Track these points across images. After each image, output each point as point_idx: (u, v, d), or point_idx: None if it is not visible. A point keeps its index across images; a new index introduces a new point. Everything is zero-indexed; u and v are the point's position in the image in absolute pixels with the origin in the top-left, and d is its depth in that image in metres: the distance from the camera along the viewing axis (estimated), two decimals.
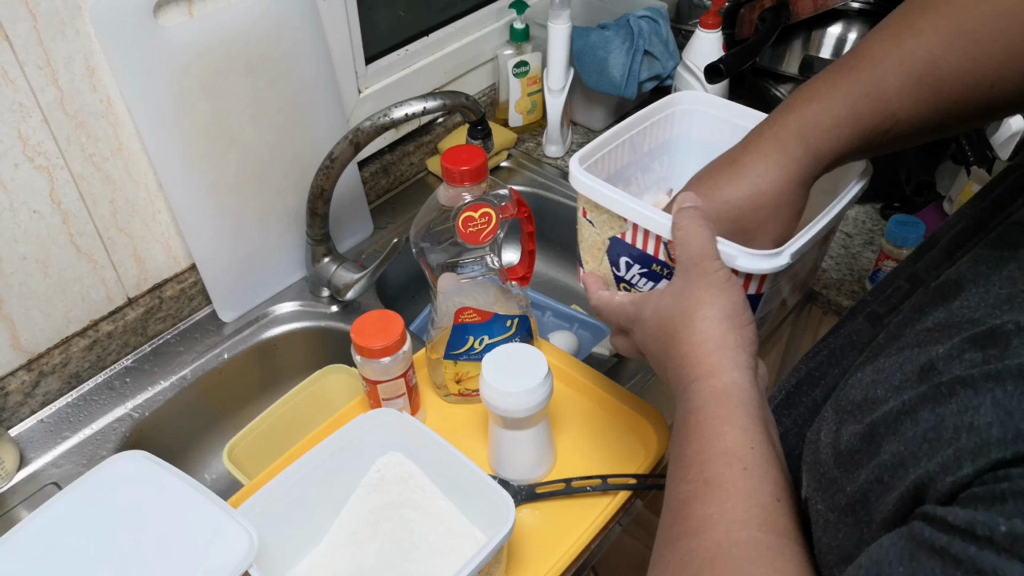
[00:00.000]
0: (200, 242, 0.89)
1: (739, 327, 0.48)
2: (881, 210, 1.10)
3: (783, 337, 1.09)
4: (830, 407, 0.42)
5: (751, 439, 0.44)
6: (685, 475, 0.44)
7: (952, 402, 0.32)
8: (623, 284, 0.62)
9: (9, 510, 0.77)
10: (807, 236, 0.54)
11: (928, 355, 0.35)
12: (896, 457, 0.33)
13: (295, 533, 0.66)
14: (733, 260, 0.52)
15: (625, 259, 0.61)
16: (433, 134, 1.18)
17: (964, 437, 0.30)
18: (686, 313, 0.49)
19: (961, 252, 0.49)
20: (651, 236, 0.57)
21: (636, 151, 0.69)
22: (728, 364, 0.47)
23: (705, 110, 0.69)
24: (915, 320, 0.41)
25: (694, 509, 0.42)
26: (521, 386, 0.66)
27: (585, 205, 0.62)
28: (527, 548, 0.69)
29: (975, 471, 0.29)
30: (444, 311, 0.75)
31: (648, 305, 0.53)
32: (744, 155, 0.54)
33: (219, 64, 0.82)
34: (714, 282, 0.49)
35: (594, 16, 1.21)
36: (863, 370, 0.40)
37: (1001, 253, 0.40)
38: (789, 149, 0.52)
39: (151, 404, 0.87)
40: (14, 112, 0.72)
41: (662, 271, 0.59)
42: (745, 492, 0.42)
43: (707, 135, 0.69)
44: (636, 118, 0.67)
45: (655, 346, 0.52)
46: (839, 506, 0.37)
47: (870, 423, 0.36)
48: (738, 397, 0.46)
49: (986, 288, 0.38)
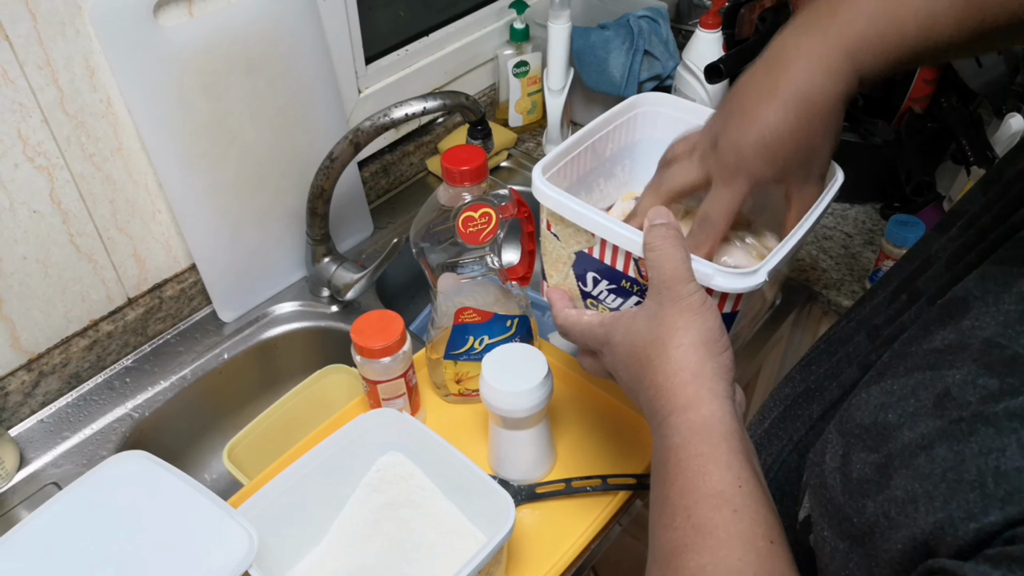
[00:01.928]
0: (200, 242, 0.89)
1: (716, 354, 0.46)
2: (881, 210, 1.10)
3: (783, 337, 1.09)
4: (835, 429, 0.40)
5: (737, 477, 0.41)
6: (671, 521, 0.42)
7: (972, 441, 0.30)
8: (590, 299, 0.60)
9: (9, 510, 0.77)
10: (783, 252, 0.52)
11: (943, 381, 0.34)
12: (908, 494, 0.32)
13: (295, 533, 0.66)
14: (709, 280, 0.49)
15: (592, 274, 0.58)
16: (433, 134, 1.18)
17: (991, 482, 0.29)
18: (660, 340, 0.47)
19: (963, 266, 0.48)
20: (620, 252, 0.54)
21: (598, 157, 0.66)
22: (706, 395, 0.44)
23: (668, 111, 0.67)
24: (921, 339, 0.40)
25: (686, 560, 0.40)
26: (521, 386, 0.66)
27: (549, 218, 0.59)
28: (527, 548, 0.69)
29: (1005, 519, 0.28)
30: (444, 311, 0.75)
31: (618, 329, 0.50)
32: (783, 79, 0.49)
33: (219, 64, 0.82)
34: (689, 306, 0.47)
35: (594, 16, 1.21)
36: (869, 391, 0.39)
37: (1009, 269, 0.39)
38: (834, 65, 0.48)
39: (151, 404, 0.87)
40: (14, 112, 0.72)
41: (632, 288, 0.56)
42: (737, 536, 0.39)
43: (670, 137, 0.64)
44: (598, 123, 0.64)
45: (626, 373, 0.49)
46: (850, 535, 0.35)
47: (886, 453, 0.34)
48: (719, 431, 0.43)
49: (996, 306, 0.37)
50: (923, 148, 1.05)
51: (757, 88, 0.51)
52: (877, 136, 1.03)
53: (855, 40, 0.48)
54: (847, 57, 0.48)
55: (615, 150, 0.68)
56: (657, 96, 0.68)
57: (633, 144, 0.69)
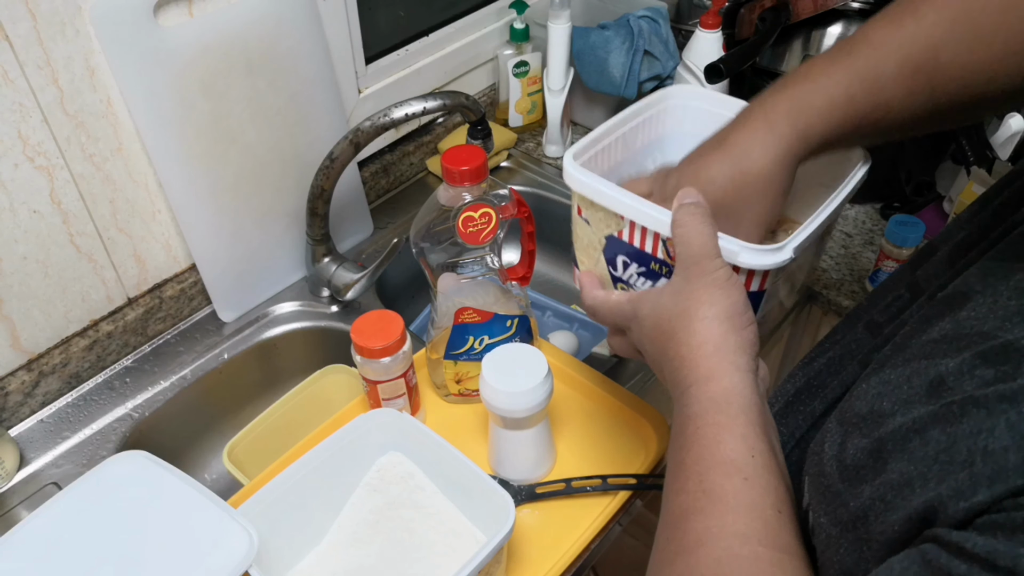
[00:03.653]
0: (200, 242, 0.89)
1: (739, 328, 0.47)
2: (881, 210, 1.10)
3: (783, 337, 1.09)
4: (834, 419, 0.41)
5: (751, 447, 0.42)
6: (683, 486, 0.43)
7: (964, 423, 0.31)
8: (620, 284, 0.61)
9: (9, 510, 0.77)
10: (809, 229, 0.53)
11: (937, 369, 0.35)
12: (903, 476, 0.32)
13: (295, 533, 0.66)
14: (735, 256, 0.50)
15: (622, 258, 0.59)
16: (433, 134, 1.19)
17: (979, 461, 0.29)
18: (685, 313, 0.48)
19: (963, 261, 0.48)
20: (649, 234, 0.55)
21: (629, 148, 0.67)
22: (727, 367, 0.45)
23: (698, 104, 0.67)
24: (921, 331, 0.40)
25: (693, 523, 0.41)
26: (521, 386, 0.66)
27: (580, 203, 0.60)
28: (527, 548, 0.69)
29: (992, 497, 0.28)
30: (444, 311, 0.75)
31: (646, 304, 0.51)
32: (732, 135, 0.52)
33: (219, 64, 0.82)
34: (714, 281, 0.48)
35: (594, 16, 1.21)
36: (868, 382, 0.39)
37: (1009, 264, 0.39)
38: (777, 128, 0.50)
39: (151, 404, 0.87)
40: (14, 112, 0.72)
41: (661, 270, 0.57)
42: (746, 504, 0.40)
43: (700, 130, 0.65)
44: (628, 114, 0.65)
45: (652, 347, 0.50)
46: (841, 520, 0.36)
47: (877, 438, 0.35)
48: (738, 403, 0.44)
49: (994, 299, 0.37)
50: (923, 148, 1.05)
51: (713, 140, 0.54)
52: None
53: (799, 102, 0.50)
54: (790, 120, 0.50)
55: (645, 143, 0.68)
56: (688, 89, 0.68)
57: (663, 137, 0.69)
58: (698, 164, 0.54)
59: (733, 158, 0.52)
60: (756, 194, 0.52)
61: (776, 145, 0.50)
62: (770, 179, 0.51)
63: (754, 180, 0.51)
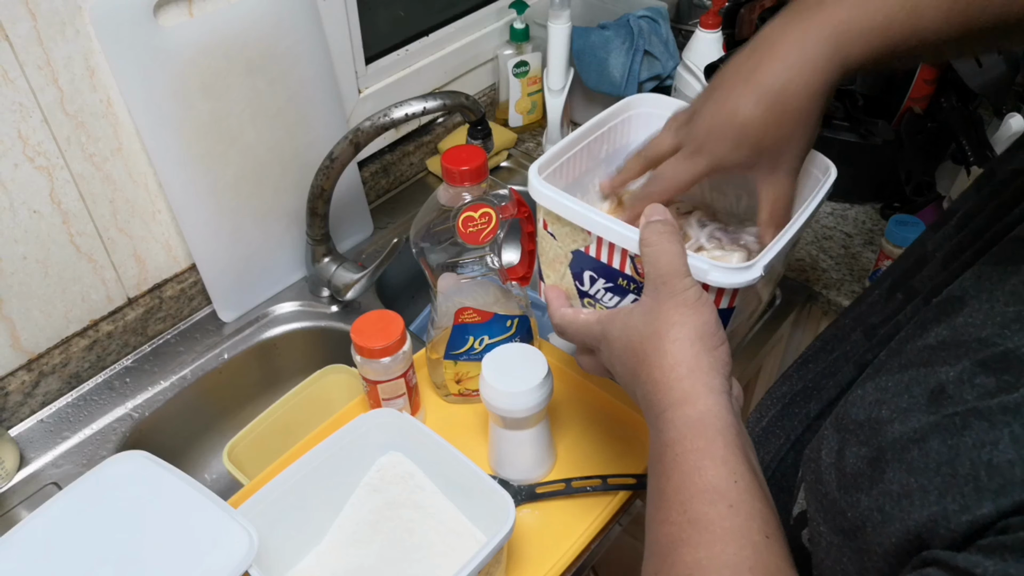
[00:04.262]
0: (200, 242, 0.89)
1: (712, 348, 0.46)
2: (881, 210, 1.10)
3: (783, 337, 1.09)
4: (830, 425, 0.40)
5: (733, 471, 0.41)
6: (667, 516, 0.42)
7: (966, 435, 0.31)
8: (587, 299, 0.60)
9: (9, 510, 0.77)
10: (778, 246, 0.52)
11: (937, 377, 0.34)
12: (903, 487, 0.32)
13: (295, 533, 0.66)
14: (705, 275, 0.50)
15: (589, 273, 0.58)
16: (433, 134, 1.19)
17: (984, 475, 0.29)
18: (656, 334, 0.46)
19: (958, 265, 0.48)
20: (616, 249, 0.55)
21: (594, 157, 0.66)
22: (702, 389, 0.44)
23: (662, 113, 0.66)
24: (917, 336, 0.40)
25: (682, 554, 0.40)
26: (521, 386, 0.66)
27: (546, 217, 0.59)
28: (527, 548, 0.69)
29: (997, 511, 0.28)
30: (444, 311, 0.75)
31: (615, 324, 0.50)
32: (762, 66, 0.49)
33: (219, 64, 0.82)
34: (685, 301, 0.47)
35: (594, 16, 1.21)
36: (864, 387, 0.39)
37: (1004, 268, 0.39)
38: (814, 58, 0.47)
39: (151, 404, 0.87)
40: (14, 112, 0.72)
41: (628, 286, 0.56)
42: (733, 532, 0.39)
43: None
44: (593, 123, 0.64)
45: (623, 368, 0.49)
46: (842, 529, 0.35)
47: (876, 446, 0.34)
48: (715, 426, 0.43)
49: (990, 304, 0.37)
50: (923, 148, 1.05)
51: (736, 73, 0.51)
52: (877, 136, 1.03)
53: (840, 26, 0.47)
54: (831, 45, 0.48)
55: (610, 151, 0.68)
56: (652, 97, 0.68)
57: (628, 146, 0.69)
58: (726, 104, 0.51)
59: (770, 93, 0.49)
60: (799, 127, 0.50)
61: (813, 75, 0.48)
62: (810, 112, 0.49)
63: (794, 114, 0.49)
